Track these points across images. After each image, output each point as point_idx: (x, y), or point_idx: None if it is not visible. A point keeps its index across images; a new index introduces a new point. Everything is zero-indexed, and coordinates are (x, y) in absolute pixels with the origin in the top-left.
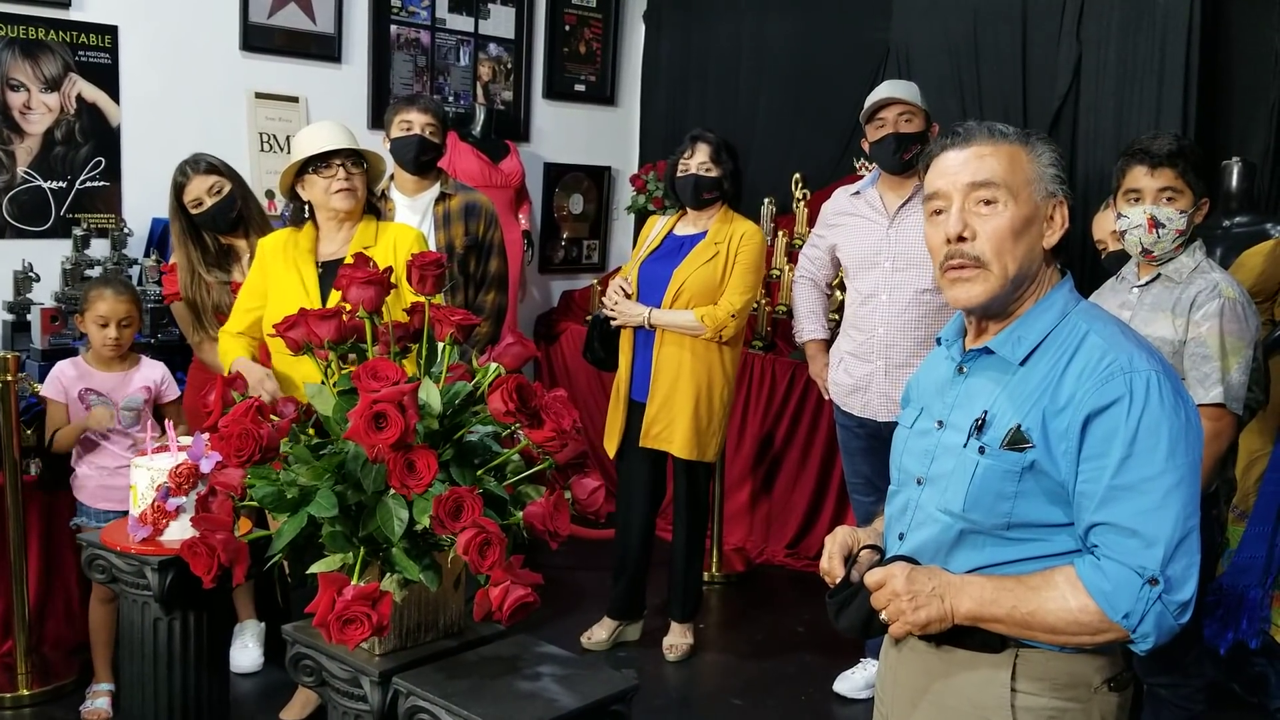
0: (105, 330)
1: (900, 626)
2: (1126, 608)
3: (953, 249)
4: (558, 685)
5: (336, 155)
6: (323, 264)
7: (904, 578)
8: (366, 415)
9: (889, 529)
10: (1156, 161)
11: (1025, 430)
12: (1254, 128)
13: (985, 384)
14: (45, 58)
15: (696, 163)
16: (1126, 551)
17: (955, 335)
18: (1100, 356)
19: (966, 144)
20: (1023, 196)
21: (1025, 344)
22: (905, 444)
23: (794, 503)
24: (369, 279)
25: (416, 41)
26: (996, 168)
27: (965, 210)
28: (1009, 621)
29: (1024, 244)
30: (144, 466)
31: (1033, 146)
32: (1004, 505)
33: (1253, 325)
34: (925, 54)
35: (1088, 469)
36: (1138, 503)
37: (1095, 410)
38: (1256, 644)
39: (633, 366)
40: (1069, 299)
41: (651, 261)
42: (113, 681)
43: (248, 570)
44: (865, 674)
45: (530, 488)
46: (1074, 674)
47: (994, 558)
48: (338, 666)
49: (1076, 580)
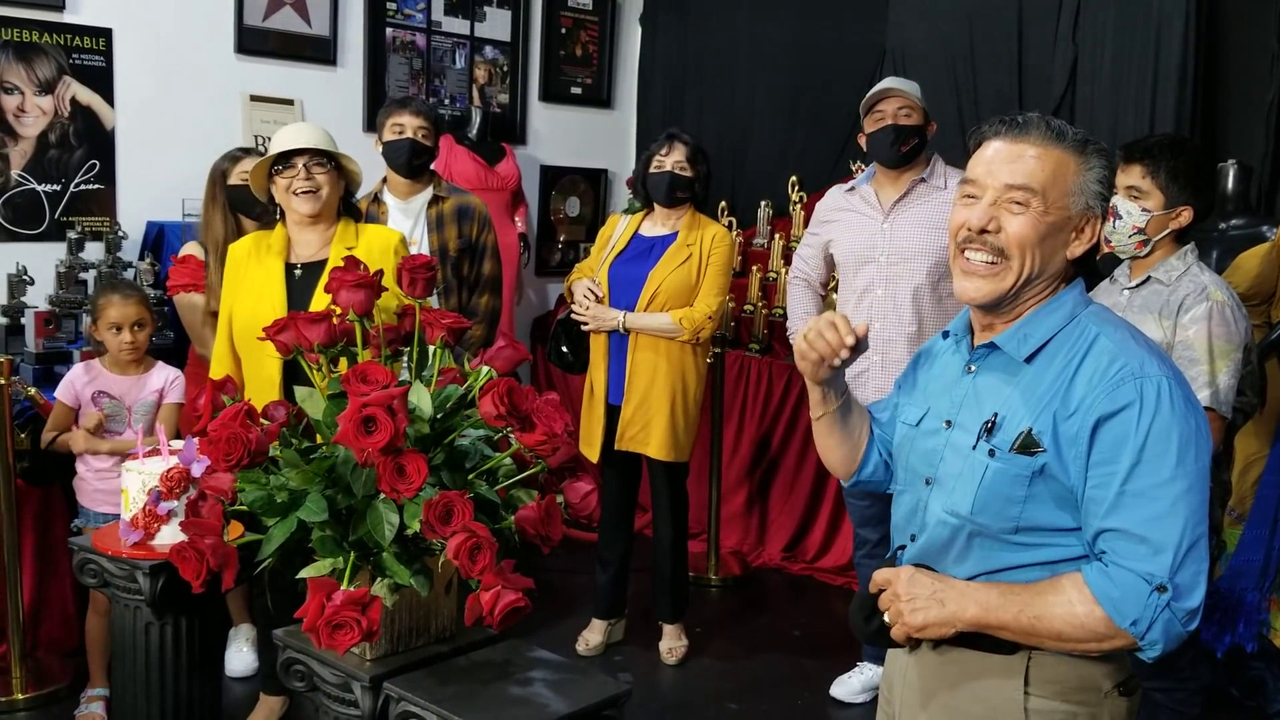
0: (120, 335)
1: (899, 629)
2: (1134, 614)
3: (972, 235)
4: (550, 690)
5: (301, 155)
6: (301, 265)
7: (905, 580)
8: (356, 419)
9: (898, 533)
10: (1128, 157)
11: (1037, 434)
12: (1250, 130)
13: (993, 384)
14: (39, 61)
15: (672, 161)
16: (1135, 558)
17: (964, 330)
18: (1111, 361)
19: (1019, 137)
20: (1057, 205)
21: (1031, 341)
22: (912, 443)
23: (790, 506)
24: (359, 282)
25: (412, 44)
26: (1038, 172)
27: (996, 205)
28: (1015, 627)
29: (1046, 249)
30: (135, 470)
31: (1087, 157)
32: (1013, 509)
33: (1242, 328)
34: (921, 56)
35: (1097, 474)
36: (1147, 509)
37: (1106, 415)
38: (1253, 647)
39: (608, 370)
40: (1079, 301)
41: (621, 263)
42: (107, 687)
43: (238, 575)
44: (862, 678)
45: (522, 492)
46: (1085, 678)
47: (1002, 562)
48: (329, 671)
49: (1084, 586)
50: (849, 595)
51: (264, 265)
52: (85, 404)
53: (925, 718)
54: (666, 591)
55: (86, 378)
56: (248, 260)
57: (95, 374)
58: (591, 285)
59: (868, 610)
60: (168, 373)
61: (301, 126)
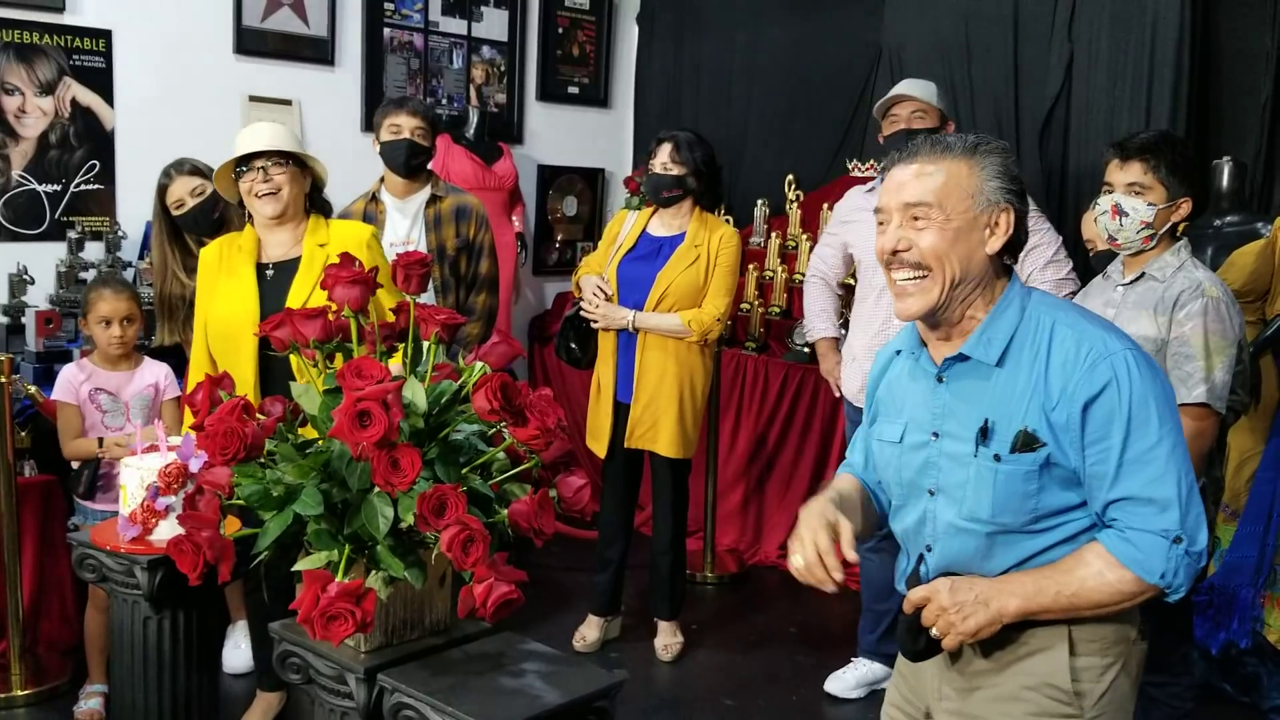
0: (109, 330)
1: (953, 638)
2: (1160, 569)
3: (891, 258)
4: (542, 682)
5: (260, 157)
6: (273, 265)
7: (947, 591)
8: (350, 413)
9: (909, 545)
10: (1126, 154)
11: (1033, 431)
12: (1245, 127)
13: (969, 391)
14: (40, 62)
15: (658, 163)
16: (1147, 519)
17: (916, 345)
18: (1077, 346)
19: (910, 160)
20: (958, 210)
21: (997, 344)
22: (899, 459)
23: (786, 504)
24: (354, 278)
25: (410, 44)
26: (930, 186)
27: (902, 226)
28: (1056, 608)
29: (960, 250)
30: (134, 466)
31: (978, 158)
32: (1029, 503)
33: (1236, 324)
34: (918, 55)
35: (1094, 452)
36: (1146, 473)
37: (1090, 398)
38: (1247, 643)
39: (616, 368)
40: (1022, 293)
41: (629, 262)
42: (106, 683)
43: (235, 569)
44: (856, 673)
45: (516, 486)
46: (1118, 631)
47: (1027, 550)
48: (324, 664)
49: (1108, 555)
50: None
51: (235, 268)
52: (83, 402)
53: (970, 705)
54: (663, 589)
55: (82, 376)
56: (219, 265)
57: (89, 372)
58: (601, 283)
59: (914, 631)
60: (158, 368)
61: (260, 128)
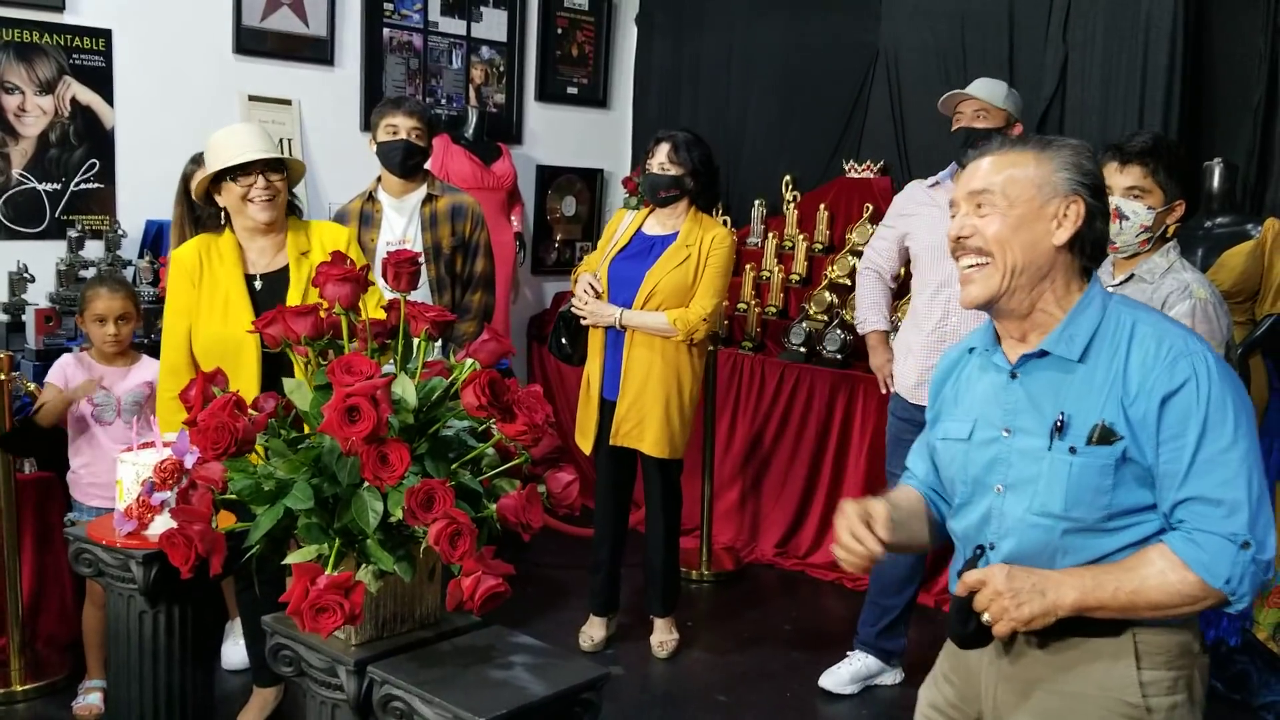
0: (104, 327)
1: (1005, 625)
2: (1226, 573)
3: (956, 245)
4: (529, 674)
5: (256, 163)
6: (261, 277)
7: (1004, 576)
8: (340, 409)
9: (967, 543)
10: (1125, 158)
11: (1111, 424)
12: (1237, 129)
13: (1045, 387)
14: (40, 61)
15: (655, 163)
16: (1216, 521)
17: (991, 343)
18: (1158, 343)
19: (982, 156)
20: (1022, 198)
21: (1079, 340)
22: (966, 456)
23: (783, 502)
24: (345, 276)
25: (409, 44)
26: (993, 174)
27: (967, 214)
28: (1113, 605)
29: (1023, 238)
30: (130, 462)
31: (1047, 151)
32: (1103, 498)
33: (1224, 326)
34: (913, 57)
35: (1168, 449)
36: (1218, 474)
37: (1169, 393)
38: (1237, 641)
39: (603, 365)
40: (1103, 294)
41: (621, 260)
42: (105, 678)
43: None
44: (851, 669)
45: (505, 481)
46: (1182, 644)
47: (1098, 550)
48: (315, 656)
49: (1173, 555)
50: (841, 591)
51: (222, 279)
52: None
53: (1028, 709)
54: (658, 586)
55: (78, 367)
56: (200, 272)
57: (86, 366)
58: (592, 280)
59: (965, 614)
60: (155, 365)
61: (248, 131)
